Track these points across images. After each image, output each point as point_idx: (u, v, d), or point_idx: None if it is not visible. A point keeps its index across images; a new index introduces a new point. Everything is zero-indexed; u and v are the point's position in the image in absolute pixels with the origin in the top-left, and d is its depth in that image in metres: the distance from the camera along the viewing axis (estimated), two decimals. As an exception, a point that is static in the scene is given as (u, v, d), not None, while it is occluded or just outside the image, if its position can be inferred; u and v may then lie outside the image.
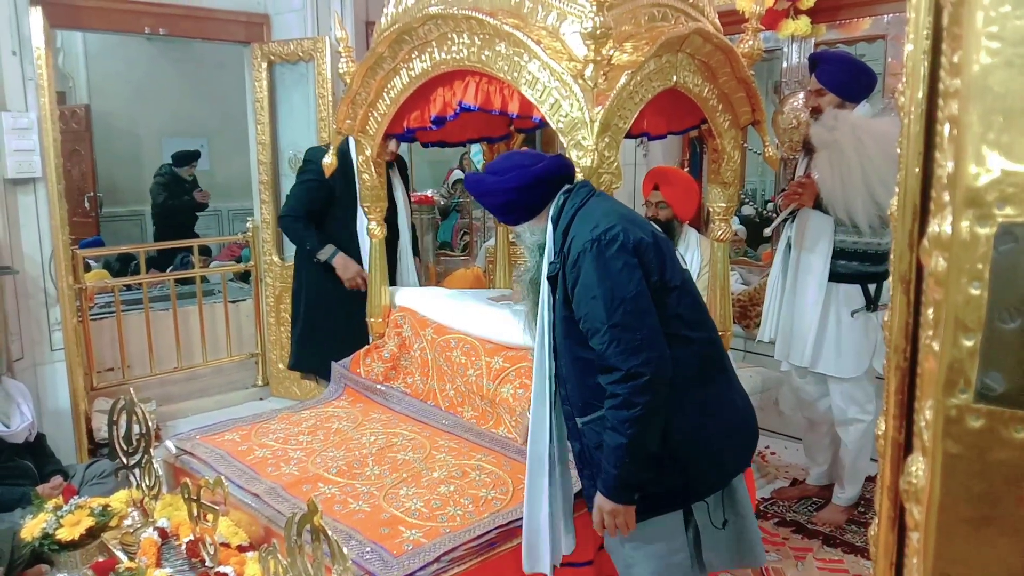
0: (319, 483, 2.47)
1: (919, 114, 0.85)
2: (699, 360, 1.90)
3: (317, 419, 3.00)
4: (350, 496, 2.37)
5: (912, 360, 0.87)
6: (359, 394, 3.21)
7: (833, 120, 3.15)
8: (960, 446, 0.67)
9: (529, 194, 2.00)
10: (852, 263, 3.22)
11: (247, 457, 2.67)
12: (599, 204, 1.95)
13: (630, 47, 2.38)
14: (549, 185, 2.00)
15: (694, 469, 1.89)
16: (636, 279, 1.79)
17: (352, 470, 2.55)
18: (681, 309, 1.88)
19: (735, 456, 1.98)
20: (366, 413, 3.05)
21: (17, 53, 3.73)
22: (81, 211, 6.67)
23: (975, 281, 0.66)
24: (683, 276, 1.94)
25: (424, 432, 2.82)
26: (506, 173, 1.99)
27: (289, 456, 2.67)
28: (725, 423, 1.94)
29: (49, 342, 3.95)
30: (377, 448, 2.69)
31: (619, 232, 1.81)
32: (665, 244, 1.95)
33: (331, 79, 4.49)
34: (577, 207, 1.95)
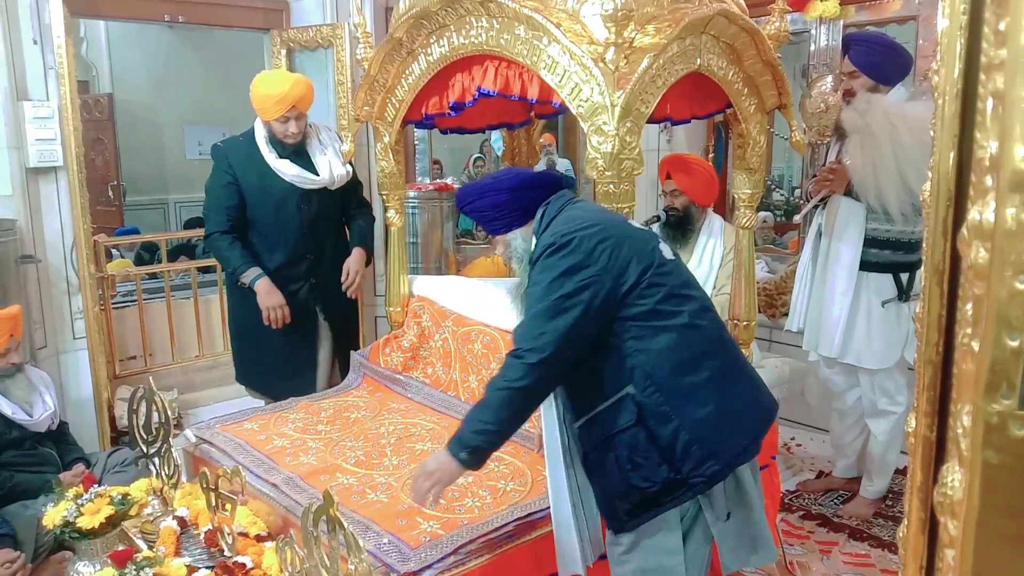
0: (337, 473, 2.45)
1: (955, 94, 0.79)
2: (680, 350, 1.84)
3: (336, 408, 2.99)
4: (368, 486, 2.35)
5: (946, 355, 0.82)
6: (378, 383, 3.19)
7: (866, 104, 3.08)
8: (1002, 456, 0.60)
9: (521, 196, 2.06)
10: (884, 252, 3.14)
11: (266, 447, 2.66)
12: (569, 212, 1.98)
13: (652, 29, 2.32)
14: (540, 190, 2.06)
15: (687, 463, 1.81)
16: (575, 281, 1.80)
17: (370, 460, 2.53)
18: (649, 302, 1.84)
19: (733, 446, 1.86)
20: (385, 403, 3.03)
21: (38, 42, 3.73)
22: (104, 200, 6.72)
23: (1021, 274, 0.59)
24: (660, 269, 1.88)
25: (443, 422, 2.79)
26: (499, 179, 2.12)
27: (308, 446, 2.66)
28: (719, 412, 1.84)
29: (72, 330, 3.98)
30: (396, 438, 2.67)
31: (572, 237, 1.84)
32: (641, 243, 1.91)
33: (350, 66, 4.46)
34: (552, 216, 1.99)
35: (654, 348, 1.83)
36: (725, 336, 2.01)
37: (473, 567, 2.01)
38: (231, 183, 3.28)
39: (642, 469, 1.84)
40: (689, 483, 1.83)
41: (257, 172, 3.27)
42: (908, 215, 3.01)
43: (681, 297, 1.89)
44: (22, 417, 3.00)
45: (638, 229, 2.01)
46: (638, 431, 1.83)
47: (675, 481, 1.83)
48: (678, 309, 1.86)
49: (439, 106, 2.88)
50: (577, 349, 1.83)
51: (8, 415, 2.97)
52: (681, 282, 1.93)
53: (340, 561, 1.69)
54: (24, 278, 3.70)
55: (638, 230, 2.00)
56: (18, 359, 3.08)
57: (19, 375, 3.08)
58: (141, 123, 7.75)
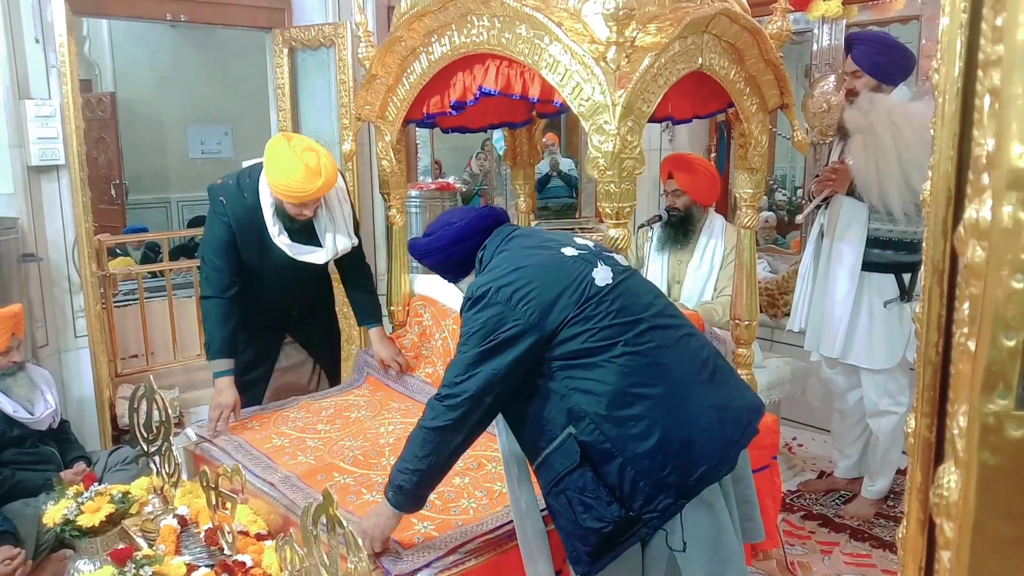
0: (334, 472, 2.45)
1: (955, 92, 0.79)
2: (615, 383, 1.77)
3: (337, 408, 2.99)
4: (364, 486, 2.35)
5: (945, 355, 0.82)
6: (380, 383, 3.19)
7: (868, 103, 3.07)
8: (999, 457, 0.59)
9: (458, 249, 2.10)
10: (886, 252, 3.14)
11: (264, 445, 2.66)
12: (499, 257, 1.97)
13: (654, 28, 2.32)
14: (475, 238, 2.08)
15: (638, 499, 1.75)
16: (492, 331, 1.81)
17: (368, 460, 2.52)
18: (575, 344, 1.79)
19: (686, 475, 1.77)
20: (385, 402, 3.02)
21: (40, 40, 3.74)
22: (107, 199, 6.72)
23: (1018, 273, 0.59)
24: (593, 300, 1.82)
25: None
26: (435, 232, 2.13)
27: (307, 445, 2.66)
28: (665, 442, 1.75)
29: (73, 329, 3.98)
30: (395, 438, 2.67)
31: (488, 288, 1.84)
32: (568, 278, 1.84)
33: (352, 65, 4.46)
34: (488, 260, 2.01)
35: (588, 386, 1.78)
36: (679, 354, 1.87)
37: (468, 568, 2.00)
38: (230, 241, 2.94)
39: (593, 510, 1.78)
40: (643, 520, 1.77)
41: (256, 237, 2.94)
42: (911, 215, 3.00)
43: (617, 326, 1.81)
44: (23, 415, 3.01)
45: (567, 260, 1.89)
46: (584, 471, 1.78)
47: (628, 519, 1.77)
48: (612, 341, 1.79)
49: (440, 105, 2.88)
50: (498, 395, 1.83)
51: (9, 413, 2.97)
52: (619, 308, 1.83)
53: (339, 560, 1.69)
54: (26, 276, 3.71)
55: (566, 262, 1.89)
56: (20, 357, 3.08)
57: (20, 373, 3.08)
58: (144, 122, 7.76)
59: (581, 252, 1.92)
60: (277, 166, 2.75)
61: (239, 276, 2.96)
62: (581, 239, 2.03)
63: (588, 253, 1.93)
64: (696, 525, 1.84)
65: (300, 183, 2.71)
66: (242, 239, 2.93)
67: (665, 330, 1.86)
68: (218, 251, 2.93)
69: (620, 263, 1.97)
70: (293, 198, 2.77)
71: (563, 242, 1.98)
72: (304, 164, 2.70)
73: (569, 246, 1.95)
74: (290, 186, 2.73)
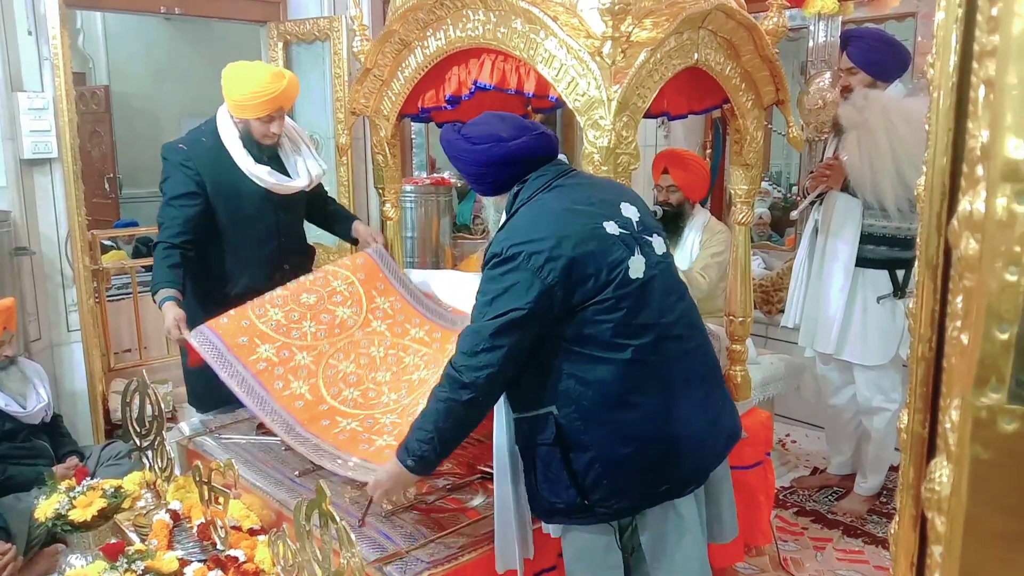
0: (337, 417, 2.41)
1: (950, 87, 0.78)
2: (614, 384, 1.75)
3: (319, 297, 2.77)
4: (373, 431, 2.33)
5: (938, 350, 0.81)
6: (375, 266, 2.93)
7: (863, 100, 3.07)
8: (991, 451, 0.59)
9: (498, 171, 1.91)
10: (880, 248, 3.14)
11: (250, 357, 2.52)
12: (536, 208, 1.84)
13: (650, 24, 2.31)
14: (521, 166, 1.90)
15: (596, 493, 1.78)
16: (516, 301, 1.72)
17: (368, 401, 2.47)
18: (593, 329, 1.75)
19: (648, 488, 1.80)
20: (371, 296, 2.81)
21: (33, 33, 3.71)
22: (101, 192, 6.70)
23: (1012, 266, 0.58)
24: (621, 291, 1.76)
25: (435, 338, 2.66)
26: (479, 143, 1.89)
27: (296, 361, 2.53)
28: (641, 455, 1.77)
29: (66, 323, 3.96)
30: (391, 373, 2.56)
31: (520, 251, 1.74)
32: (604, 257, 1.76)
33: (347, 59, 4.45)
34: (523, 203, 1.87)
35: (587, 377, 1.76)
36: (681, 370, 1.84)
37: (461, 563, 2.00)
38: (196, 192, 2.86)
39: (552, 485, 1.82)
40: (595, 511, 1.80)
41: (229, 179, 2.88)
42: (904, 210, 3.01)
43: (635, 328, 1.76)
44: (15, 409, 3.00)
45: (607, 238, 1.79)
46: (554, 450, 1.79)
47: (581, 506, 1.80)
48: (625, 343, 1.75)
49: (435, 99, 2.87)
50: (517, 366, 1.79)
51: (1, 407, 2.96)
52: (640, 308, 1.78)
53: (332, 555, 1.68)
54: (18, 270, 3.69)
55: (606, 240, 1.79)
56: (11, 351, 3.07)
57: (13, 367, 3.07)
58: (138, 115, 7.73)
59: (623, 232, 1.81)
60: (239, 79, 2.83)
61: (193, 229, 2.85)
62: (628, 208, 1.89)
63: (629, 235, 1.82)
64: (658, 526, 1.86)
65: (266, 83, 2.78)
66: (213, 187, 2.87)
67: (676, 341, 1.83)
68: (173, 200, 2.86)
69: (657, 251, 1.87)
70: (262, 104, 2.80)
71: (608, 210, 1.85)
72: (264, 70, 2.83)
73: (613, 220, 1.82)
74: (257, 90, 2.78)
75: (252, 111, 2.83)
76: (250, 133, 2.90)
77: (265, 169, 2.91)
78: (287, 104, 2.92)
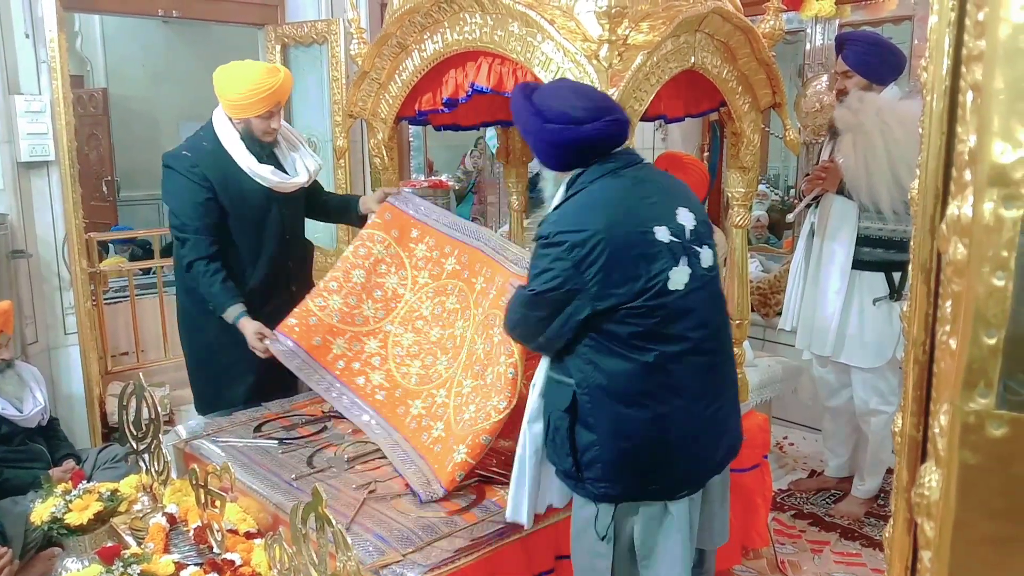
0: (408, 400, 2.57)
1: (943, 91, 0.78)
2: (629, 382, 1.79)
3: (367, 271, 2.85)
4: (432, 416, 2.47)
5: (932, 354, 0.81)
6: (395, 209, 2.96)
7: (858, 103, 3.08)
8: (979, 456, 0.58)
9: (566, 154, 1.88)
10: (876, 250, 3.14)
11: (327, 357, 2.72)
12: (592, 196, 1.83)
13: (646, 27, 2.32)
14: (591, 152, 1.87)
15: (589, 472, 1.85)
16: (549, 284, 1.79)
17: (428, 372, 2.61)
18: (619, 328, 1.77)
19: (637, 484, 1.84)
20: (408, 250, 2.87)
21: (30, 36, 3.71)
22: (99, 195, 6.69)
23: (999, 271, 0.57)
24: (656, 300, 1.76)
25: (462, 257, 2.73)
26: (552, 121, 1.82)
27: (367, 351, 2.73)
28: (637, 453, 1.80)
29: (63, 326, 3.96)
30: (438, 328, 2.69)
31: (567, 240, 1.76)
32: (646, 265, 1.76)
33: (345, 62, 4.45)
34: (583, 187, 1.86)
35: (606, 368, 1.79)
36: (700, 384, 1.85)
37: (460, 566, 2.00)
38: (209, 199, 2.86)
39: (556, 449, 1.91)
40: (586, 486, 1.88)
41: (234, 181, 2.89)
42: (900, 213, 3.01)
43: (663, 337, 1.77)
44: (12, 413, 2.99)
45: (655, 244, 1.78)
46: (565, 418, 1.86)
47: (573, 475, 1.89)
48: (649, 347, 1.77)
49: (433, 102, 2.87)
50: (552, 337, 1.86)
51: (-2, 411, 2.96)
52: (678, 319, 1.79)
53: (328, 559, 1.68)
54: (15, 273, 3.69)
55: (654, 247, 1.78)
56: (8, 355, 3.06)
57: (9, 371, 3.07)
58: (136, 118, 7.71)
59: (673, 240, 1.80)
60: (234, 79, 2.85)
61: (217, 236, 2.89)
62: (684, 214, 1.87)
63: (679, 243, 1.81)
64: (651, 523, 1.89)
65: (262, 79, 2.81)
66: (220, 190, 2.88)
67: (703, 356, 1.85)
68: (191, 213, 2.86)
69: (703, 264, 1.86)
70: (261, 100, 2.82)
71: (663, 214, 1.83)
72: (259, 67, 2.85)
73: (666, 225, 1.81)
74: (254, 87, 2.81)
75: (251, 109, 2.84)
76: (251, 132, 2.91)
77: (268, 168, 2.93)
78: (283, 98, 2.93)
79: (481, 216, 6.47)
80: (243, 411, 2.94)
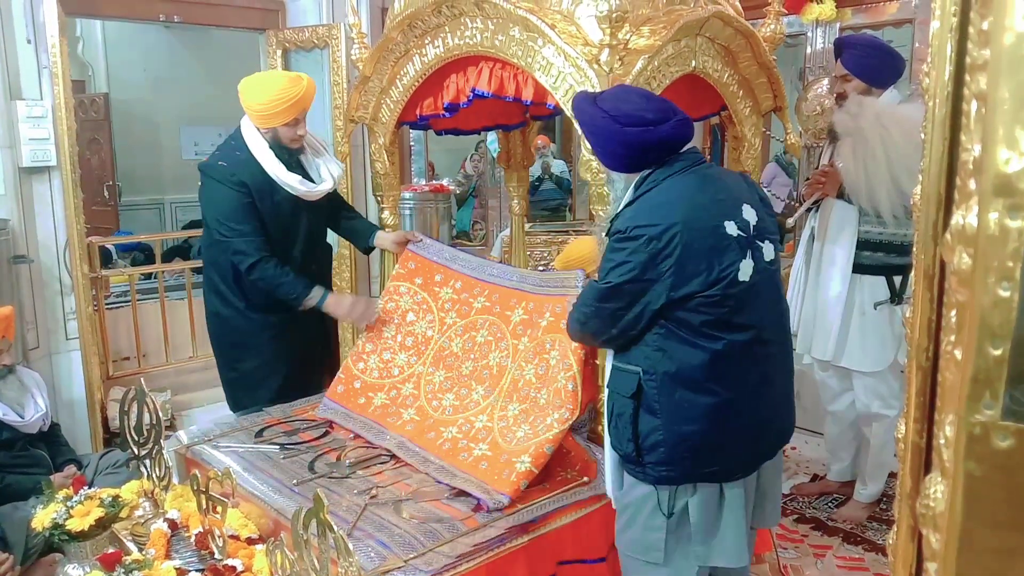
0: (440, 428, 2.57)
1: (945, 96, 0.78)
2: (697, 369, 1.85)
3: (398, 325, 2.93)
4: (470, 437, 2.47)
5: (935, 360, 0.81)
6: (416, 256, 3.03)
7: (857, 107, 3.07)
8: (985, 468, 0.58)
9: (643, 155, 1.93)
10: (877, 254, 3.13)
11: (369, 409, 2.78)
12: (666, 193, 1.89)
13: (647, 31, 2.32)
14: (661, 152, 1.93)
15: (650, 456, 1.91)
16: (626, 276, 1.84)
17: (463, 402, 2.62)
18: (692, 316, 1.84)
19: (698, 467, 1.90)
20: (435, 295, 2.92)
21: (32, 41, 3.72)
22: (100, 200, 6.70)
23: (1004, 281, 0.57)
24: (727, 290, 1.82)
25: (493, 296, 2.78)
26: (629, 124, 1.88)
27: (403, 394, 2.77)
28: (702, 436, 1.87)
29: (64, 331, 3.96)
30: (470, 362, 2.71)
31: (643, 235, 1.82)
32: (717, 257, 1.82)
33: (346, 66, 4.46)
34: (655, 183, 1.91)
35: (676, 355, 1.86)
36: (760, 370, 1.92)
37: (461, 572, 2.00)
38: (250, 203, 2.91)
39: (618, 434, 1.96)
40: (646, 470, 1.93)
41: (267, 188, 2.94)
42: (900, 217, 3.00)
43: (732, 326, 1.85)
44: (13, 418, 2.99)
45: (725, 238, 1.85)
46: (629, 404, 1.92)
47: (634, 459, 1.94)
48: (718, 335, 1.84)
49: (434, 107, 2.88)
50: (624, 329, 1.91)
51: (-1, 416, 2.96)
52: (744, 309, 1.86)
53: (330, 564, 1.68)
54: (17, 278, 3.69)
55: (724, 240, 1.85)
56: (10, 360, 3.06)
57: (11, 376, 3.07)
58: (137, 123, 7.73)
59: (740, 234, 1.87)
60: (259, 89, 2.91)
61: (266, 235, 2.95)
62: (748, 210, 1.93)
63: (746, 237, 1.88)
64: (708, 503, 1.95)
65: (287, 88, 2.87)
66: (257, 196, 2.94)
67: (765, 345, 1.93)
68: (239, 217, 2.90)
69: (766, 257, 1.93)
70: (287, 109, 2.88)
71: (730, 210, 1.90)
72: (283, 76, 2.92)
73: (734, 220, 1.88)
74: (279, 96, 2.87)
75: (279, 118, 2.90)
76: (279, 140, 2.96)
77: (296, 178, 2.98)
78: (308, 105, 2.98)
79: (482, 220, 6.47)
80: (245, 416, 2.94)
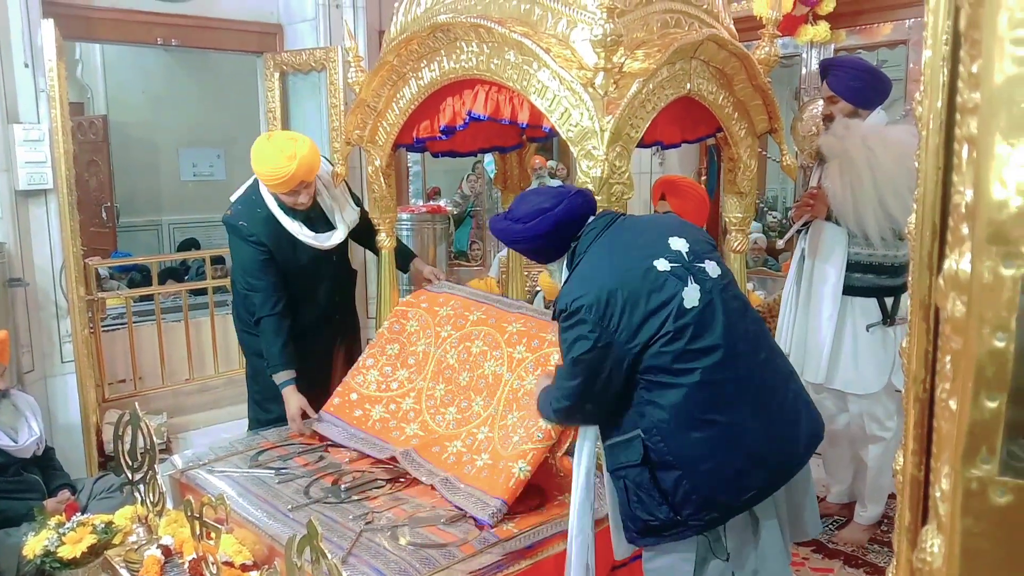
0: (445, 442, 2.58)
1: (938, 126, 0.78)
2: (688, 406, 1.84)
3: (401, 344, 3.02)
4: (473, 451, 2.49)
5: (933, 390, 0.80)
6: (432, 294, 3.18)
7: (844, 129, 3.07)
8: (983, 524, 0.56)
9: (554, 237, 2.06)
10: (867, 275, 3.12)
11: (367, 423, 2.81)
12: (591, 262, 1.98)
13: (642, 54, 2.33)
14: (571, 225, 2.05)
15: (687, 508, 1.86)
16: (583, 349, 1.88)
17: (464, 415, 2.63)
18: (657, 360, 1.85)
19: (733, 498, 1.87)
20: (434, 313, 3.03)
21: (29, 65, 3.73)
22: (98, 221, 6.69)
23: (999, 331, 0.55)
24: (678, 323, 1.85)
25: (491, 318, 2.83)
26: (529, 220, 2.05)
27: (403, 409, 2.80)
28: (720, 467, 1.85)
29: (60, 354, 3.94)
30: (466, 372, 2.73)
31: (581, 306, 1.87)
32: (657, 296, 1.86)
33: (343, 89, 4.47)
34: (581, 256, 2.01)
35: (663, 402, 1.86)
36: (751, 385, 1.91)
37: None
38: (268, 259, 3.07)
39: (645, 504, 1.90)
40: (688, 524, 1.88)
41: (286, 241, 3.10)
42: (888, 239, 2.99)
43: (696, 352, 1.85)
44: (7, 443, 2.97)
45: (659, 276, 1.89)
46: (643, 470, 1.89)
47: (674, 521, 1.89)
48: (690, 367, 1.85)
49: (430, 130, 2.88)
50: (597, 401, 1.92)
51: (-7, 441, 2.93)
52: (705, 332, 1.86)
53: (323, 592, 1.66)
54: (12, 301, 3.68)
55: (659, 278, 1.89)
56: (4, 384, 3.05)
57: (5, 400, 3.05)
58: (136, 145, 7.73)
59: (674, 266, 1.91)
60: (258, 159, 2.98)
61: (282, 291, 3.10)
62: (676, 241, 1.97)
63: (681, 267, 1.92)
64: (740, 530, 1.95)
65: (280, 166, 2.90)
66: (276, 249, 3.09)
67: (743, 357, 1.91)
68: (254, 272, 3.08)
69: (711, 275, 1.94)
70: (281, 184, 2.95)
71: (656, 248, 1.94)
72: (280, 151, 2.93)
73: (663, 256, 1.92)
74: (272, 172, 2.94)
75: (275, 189, 3.02)
76: (283, 203, 3.09)
77: (309, 234, 3.12)
78: (307, 178, 3.00)
79: (479, 240, 6.47)
80: (240, 440, 2.93)
